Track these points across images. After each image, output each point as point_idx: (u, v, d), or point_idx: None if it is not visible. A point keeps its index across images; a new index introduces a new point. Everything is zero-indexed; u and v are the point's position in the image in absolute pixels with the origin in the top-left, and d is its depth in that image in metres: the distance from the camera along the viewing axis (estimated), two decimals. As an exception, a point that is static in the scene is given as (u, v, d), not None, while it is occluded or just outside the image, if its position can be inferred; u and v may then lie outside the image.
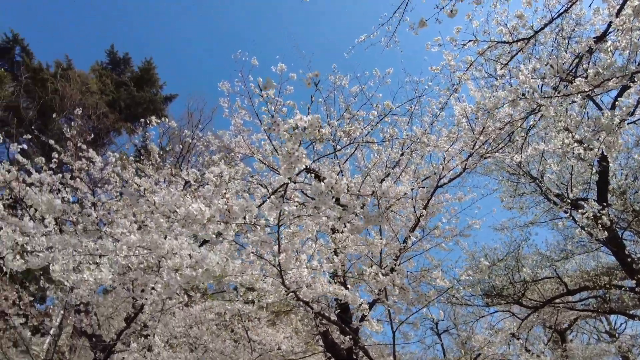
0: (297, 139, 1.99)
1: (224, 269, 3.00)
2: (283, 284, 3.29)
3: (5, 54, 21.30)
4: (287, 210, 2.47)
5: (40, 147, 14.43)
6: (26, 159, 9.00)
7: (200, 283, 3.03)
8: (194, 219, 2.20)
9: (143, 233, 3.36)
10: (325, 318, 5.18)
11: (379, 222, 2.35)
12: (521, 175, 11.79)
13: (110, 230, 3.64)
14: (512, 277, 10.52)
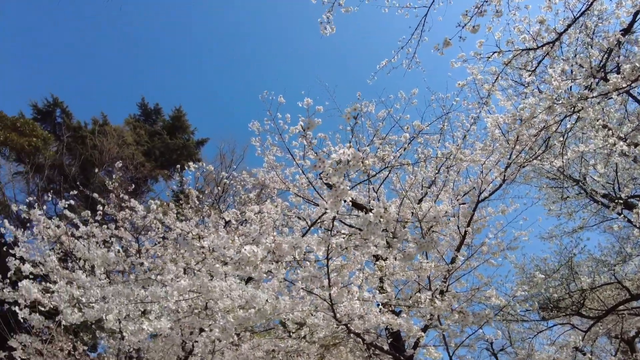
0: (341, 173, 2.00)
1: (275, 307, 2.98)
2: (335, 317, 3.24)
3: (48, 117, 22.80)
4: (334, 243, 2.46)
5: (85, 200, 15.13)
6: (73, 214, 9.43)
7: (253, 324, 3.02)
8: (248, 261, 2.21)
9: (193, 277, 3.41)
10: (377, 348, 5.03)
11: (431, 247, 2.29)
12: (563, 180, 11.35)
13: (161, 277, 3.72)
14: (568, 286, 9.95)
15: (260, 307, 2.93)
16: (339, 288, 2.84)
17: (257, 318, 2.95)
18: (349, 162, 1.95)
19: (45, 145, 19.71)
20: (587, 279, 9.91)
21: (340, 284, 2.89)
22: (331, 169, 1.97)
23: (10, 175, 20.16)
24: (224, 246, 2.39)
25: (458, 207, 6.37)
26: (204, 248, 2.45)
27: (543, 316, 10.18)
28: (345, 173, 2.49)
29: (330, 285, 2.77)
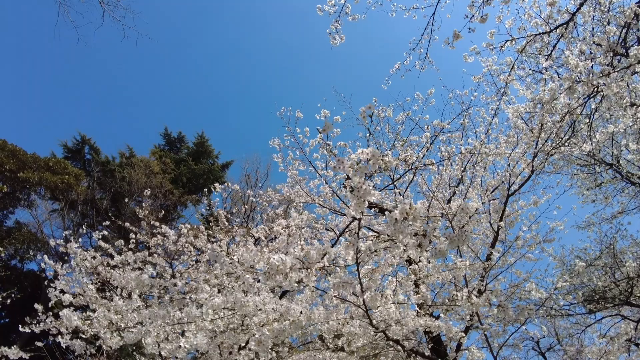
0: (362, 172, 1.98)
1: (310, 317, 2.96)
2: (371, 324, 3.18)
3: (77, 154, 23.71)
4: (363, 246, 2.43)
5: (118, 231, 15.55)
6: (107, 244, 9.70)
7: (289, 336, 3.01)
8: (277, 269, 2.21)
9: (226, 294, 3.43)
10: (418, 354, 4.91)
11: (463, 241, 2.22)
12: (595, 164, 10.94)
13: (195, 296, 3.76)
14: (613, 275, 9.48)
15: (294, 319, 2.91)
16: (372, 293, 2.80)
17: (292, 329, 2.94)
18: (368, 161, 1.94)
19: (76, 182, 20.46)
20: (633, 264, 9.43)
21: (373, 289, 2.84)
22: (351, 170, 1.96)
23: (47, 214, 21.00)
24: (253, 259, 2.40)
25: (489, 204, 6.22)
26: (233, 261, 2.47)
27: (590, 309, 9.72)
28: (368, 176, 2.48)
29: (363, 290, 2.73)
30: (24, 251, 19.66)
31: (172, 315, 4.17)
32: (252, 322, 3.18)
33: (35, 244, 19.57)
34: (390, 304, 3.12)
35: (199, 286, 4.29)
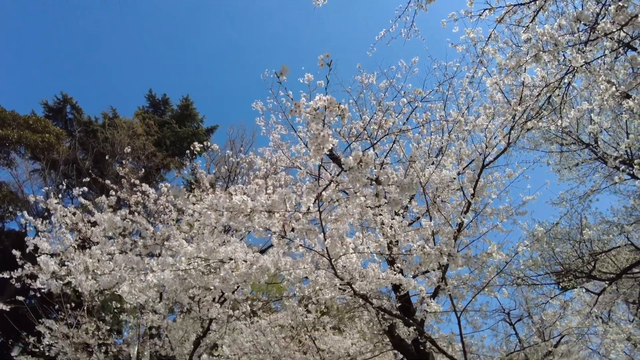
0: (319, 119, 2.07)
1: (277, 264, 3.11)
2: (335, 274, 3.35)
3: (58, 114, 23.19)
4: (324, 194, 2.54)
5: (99, 190, 15.47)
6: (87, 201, 9.71)
7: (255, 280, 3.15)
8: (239, 209, 2.32)
9: (199, 243, 3.56)
10: (386, 312, 5.15)
11: (413, 188, 2.34)
12: (571, 143, 11.21)
13: (168, 243, 3.87)
14: (580, 250, 9.90)
15: (261, 264, 3.06)
16: (334, 240, 2.94)
17: (258, 274, 3.08)
18: (326, 108, 2.02)
19: (58, 141, 20.13)
20: (598, 241, 9.85)
21: (336, 237, 2.98)
22: (309, 115, 2.05)
23: (27, 174, 20.70)
24: (219, 200, 2.50)
25: (464, 175, 6.38)
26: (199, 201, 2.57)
27: (556, 281, 10.18)
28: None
29: (326, 237, 2.87)
30: (4, 210, 19.47)
31: (147, 263, 4.30)
32: (222, 268, 3.32)
33: (15, 203, 19.38)
34: (351, 253, 3.28)
35: (171, 233, 4.41)
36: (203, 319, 7.80)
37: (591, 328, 9.65)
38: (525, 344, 7.98)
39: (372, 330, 8.27)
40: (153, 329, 9.03)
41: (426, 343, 5.61)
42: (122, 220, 3.61)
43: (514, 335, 11.20)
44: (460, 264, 3.35)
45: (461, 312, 5.46)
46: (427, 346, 5.77)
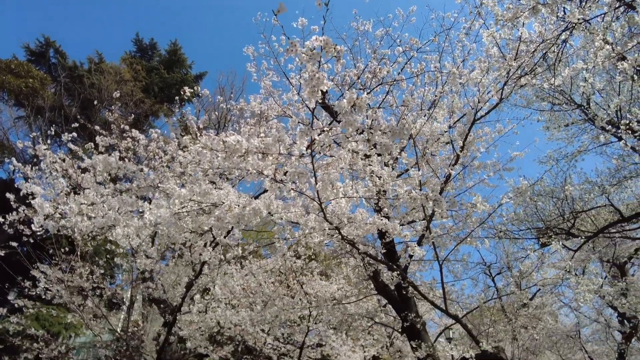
0: (315, 59, 2.07)
1: (269, 207, 3.20)
2: (325, 218, 3.46)
3: (41, 58, 22.29)
4: (316, 137, 2.59)
5: (88, 137, 15.27)
6: (77, 147, 9.61)
7: (248, 222, 3.26)
8: (233, 149, 2.36)
9: (192, 185, 3.62)
10: (371, 257, 5.37)
11: (404, 134, 2.39)
12: (564, 103, 11.26)
13: (162, 186, 3.92)
14: (562, 208, 10.22)
15: (254, 206, 3.15)
16: (325, 184, 3.02)
17: (251, 216, 3.18)
18: (322, 49, 2.02)
19: (42, 87, 19.53)
20: (580, 201, 10.15)
21: (327, 181, 3.06)
22: (305, 56, 2.05)
23: (12, 121, 20.20)
24: (213, 141, 2.54)
25: (454, 129, 6.43)
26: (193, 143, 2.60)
27: (537, 236, 10.56)
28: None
29: (317, 181, 2.95)
30: (-11, 157, 19.18)
31: (141, 205, 4.37)
32: (217, 208, 3.40)
33: (1, 150, 19.07)
34: (341, 198, 3.38)
35: (165, 175, 4.45)
36: (195, 264, 8.04)
37: (565, 282, 10.16)
38: (503, 293, 8.42)
39: (357, 275, 8.64)
40: (146, 273, 9.29)
41: (408, 288, 5.90)
42: (117, 161, 3.63)
43: (494, 287, 11.74)
44: (445, 208, 3.47)
45: (443, 260, 5.72)
46: (409, 291, 6.07)
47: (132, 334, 12.62)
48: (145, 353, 12.28)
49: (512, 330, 10.76)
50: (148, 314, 13.40)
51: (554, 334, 15.94)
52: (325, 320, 9.60)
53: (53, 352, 11.76)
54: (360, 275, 7.56)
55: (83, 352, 23.12)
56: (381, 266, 6.41)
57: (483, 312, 10.64)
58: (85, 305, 10.94)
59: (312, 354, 15.72)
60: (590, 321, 18.37)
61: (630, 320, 16.09)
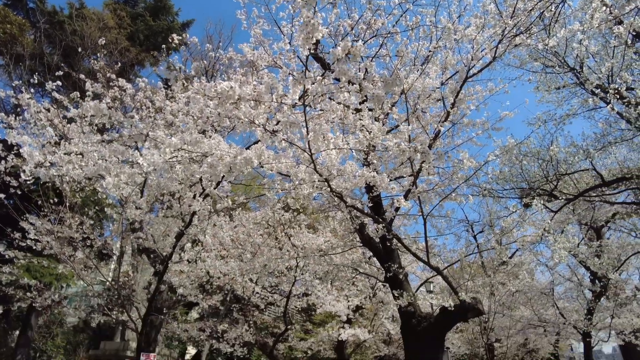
0: (311, 5, 2.04)
1: (260, 156, 3.23)
2: (315, 170, 3.52)
3: (17, 2, 21.08)
4: (310, 86, 2.59)
5: (72, 86, 14.82)
6: (62, 96, 9.36)
7: (240, 171, 3.30)
8: (226, 95, 2.36)
9: (183, 134, 3.61)
10: (358, 210, 5.50)
11: (397, 84, 2.40)
12: (557, 65, 11.21)
13: (153, 134, 3.91)
14: (546, 170, 10.43)
15: (246, 155, 3.18)
16: (316, 134, 3.05)
17: (242, 164, 3.21)
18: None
19: (21, 33, 18.62)
20: (564, 163, 10.35)
21: (318, 132, 3.09)
22: (300, 1, 2.01)
23: (-11, 70, 19.37)
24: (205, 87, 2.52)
25: (446, 86, 6.42)
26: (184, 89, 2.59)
27: (521, 196, 10.83)
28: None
29: (308, 132, 2.98)
30: (-33, 108, 18.54)
31: (131, 154, 4.37)
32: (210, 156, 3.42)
33: (-20, 101, 18.42)
34: (331, 149, 3.42)
35: (155, 123, 4.42)
36: (184, 215, 8.13)
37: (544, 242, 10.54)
38: (483, 248, 8.75)
39: (344, 229, 8.87)
40: (135, 223, 9.37)
41: (393, 240, 6.10)
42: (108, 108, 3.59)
43: (475, 244, 12.13)
44: (432, 161, 3.55)
45: (427, 214, 5.89)
46: (393, 243, 6.28)
47: (123, 284, 12.92)
48: (136, 301, 12.64)
49: (490, 286, 11.27)
50: (138, 264, 13.66)
51: (529, 291, 16.74)
52: (312, 271, 9.94)
53: (46, 301, 12.05)
54: (346, 228, 7.76)
55: (76, 301, 23.69)
56: (367, 219, 6.57)
57: (463, 268, 11.08)
58: (75, 256, 11.08)
59: (298, 303, 16.42)
60: (564, 280, 19.28)
61: (601, 279, 16.92)
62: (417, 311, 6.55)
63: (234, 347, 13.44)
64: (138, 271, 14.04)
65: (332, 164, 3.66)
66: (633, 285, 21.15)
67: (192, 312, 24.23)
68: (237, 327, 13.26)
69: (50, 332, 21.63)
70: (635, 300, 19.32)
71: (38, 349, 20.90)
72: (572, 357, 38.56)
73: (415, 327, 6.45)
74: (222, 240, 8.78)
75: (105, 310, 12.32)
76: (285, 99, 2.76)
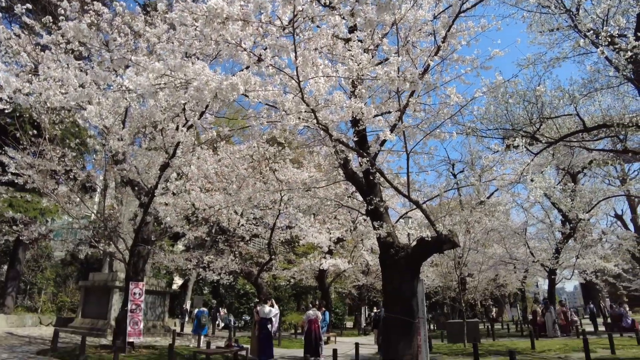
0: None
1: (247, 82, 3.18)
2: (302, 98, 3.49)
3: None
4: (300, 7, 2.50)
5: (42, 11, 13.86)
6: (33, 21, 8.81)
7: (226, 96, 3.24)
8: (214, 14, 2.27)
9: (166, 59, 3.50)
10: (343, 144, 5.55)
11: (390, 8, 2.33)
12: (553, 5, 10.91)
13: (136, 57, 3.76)
14: (531, 113, 10.52)
15: (232, 81, 3.12)
16: (305, 59, 3.00)
17: (229, 90, 3.16)
18: None
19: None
20: (549, 106, 10.42)
21: (307, 57, 3.03)
22: None
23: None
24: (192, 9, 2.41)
25: (438, 20, 6.23)
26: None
27: (504, 137, 10.98)
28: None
29: (297, 56, 2.92)
30: None
31: (113, 80, 4.24)
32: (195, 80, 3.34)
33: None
34: (320, 77, 3.38)
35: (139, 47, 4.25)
36: (168, 147, 8.06)
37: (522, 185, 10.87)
38: (463, 184, 9.00)
39: (328, 163, 8.98)
40: (119, 155, 9.27)
41: (376, 174, 6.23)
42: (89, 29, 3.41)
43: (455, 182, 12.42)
44: (420, 87, 3.55)
45: (411, 150, 5.99)
46: (376, 177, 6.41)
47: (108, 216, 13.03)
48: (122, 233, 12.85)
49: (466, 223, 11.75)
50: (123, 197, 13.70)
51: (503, 230, 17.57)
52: (295, 205, 10.16)
53: (33, 234, 12.11)
54: (331, 163, 7.85)
55: (62, 235, 23.92)
56: (351, 154, 6.65)
57: (442, 205, 11.47)
58: (58, 189, 11.01)
59: (282, 234, 16.98)
60: (537, 221, 20.24)
61: (572, 222, 17.81)
62: (395, 242, 6.86)
63: (220, 276, 14.00)
64: (123, 204, 14.11)
65: (319, 94, 3.62)
66: (600, 230, 22.40)
67: (178, 245, 24.84)
68: (223, 258, 13.73)
69: (39, 265, 22.01)
70: (600, 243, 20.56)
71: (28, 281, 21.38)
72: (536, 292, 41.52)
73: (393, 256, 6.80)
74: (207, 173, 8.81)
75: (93, 242, 12.51)
76: (274, 21, 2.67)
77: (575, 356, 11.16)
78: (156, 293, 16.71)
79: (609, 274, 22.32)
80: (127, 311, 10.14)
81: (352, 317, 33.47)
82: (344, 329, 26.82)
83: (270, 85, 3.44)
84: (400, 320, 6.53)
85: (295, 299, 31.78)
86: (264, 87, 3.38)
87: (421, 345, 7.18)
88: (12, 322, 16.48)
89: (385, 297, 7.17)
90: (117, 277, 15.11)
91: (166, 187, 8.84)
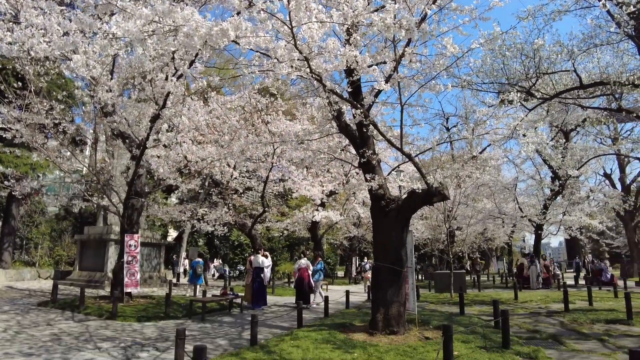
0: None
1: (237, 27, 3.07)
2: (295, 45, 3.40)
3: None
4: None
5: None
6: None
7: (216, 43, 3.15)
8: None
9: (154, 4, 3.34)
10: (337, 95, 5.47)
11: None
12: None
13: (122, 2, 3.59)
14: (528, 68, 10.36)
15: (223, 26, 3.02)
16: (299, 2, 2.89)
17: (219, 36, 3.07)
18: None
19: None
20: (546, 62, 10.26)
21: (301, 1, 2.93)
22: None
23: None
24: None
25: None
26: None
27: (499, 91, 10.86)
28: None
29: (289, 0, 2.81)
30: None
31: (99, 27, 4.07)
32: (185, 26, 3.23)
33: None
34: (314, 22, 3.28)
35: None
36: (157, 98, 7.91)
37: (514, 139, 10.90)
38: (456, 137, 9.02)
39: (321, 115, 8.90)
40: (108, 107, 9.10)
41: (369, 127, 6.20)
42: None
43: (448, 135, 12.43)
44: (416, 37, 3.48)
45: (405, 101, 5.94)
46: (369, 129, 6.39)
47: (100, 170, 12.96)
48: (115, 186, 12.84)
49: (457, 177, 11.89)
50: (114, 150, 13.58)
51: (494, 185, 17.82)
52: (288, 158, 10.16)
53: (25, 189, 12.04)
54: (324, 115, 7.78)
55: (55, 190, 23.85)
56: (345, 107, 6.59)
57: (434, 160, 11.54)
58: (47, 143, 10.83)
59: (275, 187, 17.13)
60: (527, 177, 20.52)
61: (561, 178, 18.08)
62: (386, 194, 6.96)
63: (214, 227, 14.21)
64: (114, 157, 14.01)
65: (313, 41, 3.53)
66: (588, 188, 22.81)
67: (171, 197, 24.97)
68: (217, 210, 13.87)
69: (34, 221, 22.10)
70: (587, 200, 20.99)
71: (24, 237, 21.55)
72: (523, 247, 42.91)
73: (383, 208, 6.92)
74: (198, 125, 8.70)
75: (86, 196, 12.50)
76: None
77: (555, 306, 11.72)
78: (151, 245, 17.01)
79: (593, 230, 23.00)
80: (123, 263, 10.35)
81: (344, 267, 34.64)
82: (335, 278, 27.85)
83: (261, 31, 3.33)
84: (389, 269, 6.76)
85: (289, 249, 32.63)
86: (255, 34, 3.28)
87: (409, 294, 7.48)
88: (10, 277, 16.79)
89: (375, 247, 7.36)
90: (112, 230, 15.28)
91: (157, 139, 8.75)
